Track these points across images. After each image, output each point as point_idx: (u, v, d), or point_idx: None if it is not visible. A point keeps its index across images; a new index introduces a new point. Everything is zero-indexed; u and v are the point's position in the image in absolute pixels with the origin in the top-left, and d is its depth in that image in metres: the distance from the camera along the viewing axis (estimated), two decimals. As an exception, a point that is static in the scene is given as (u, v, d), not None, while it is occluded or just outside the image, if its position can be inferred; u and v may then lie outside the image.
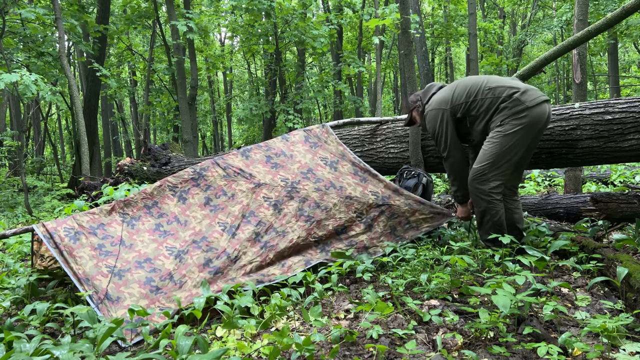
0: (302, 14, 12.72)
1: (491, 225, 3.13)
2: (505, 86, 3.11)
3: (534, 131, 3.07)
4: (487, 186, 3.09)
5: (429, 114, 3.36)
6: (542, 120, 3.07)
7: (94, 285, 2.80)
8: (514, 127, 3.01)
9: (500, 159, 3.05)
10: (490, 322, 2.06)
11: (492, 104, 3.11)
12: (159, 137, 23.51)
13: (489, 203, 3.10)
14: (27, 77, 6.31)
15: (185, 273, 3.03)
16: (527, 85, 3.13)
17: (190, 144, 11.18)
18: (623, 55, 24.58)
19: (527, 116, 3.01)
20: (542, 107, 3.05)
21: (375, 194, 3.68)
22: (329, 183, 3.68)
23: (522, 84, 3.17)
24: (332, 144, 4.11)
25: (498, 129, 3.07)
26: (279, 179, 3.65)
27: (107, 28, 11.89)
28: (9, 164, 13.89)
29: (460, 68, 28.74)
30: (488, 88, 3.14)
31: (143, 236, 3.23)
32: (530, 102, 3.01)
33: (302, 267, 3.20)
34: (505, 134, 3.03)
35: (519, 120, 3.01)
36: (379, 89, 13.66)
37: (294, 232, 3.35)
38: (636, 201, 3.56)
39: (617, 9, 4.86)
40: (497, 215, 3.11)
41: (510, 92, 3.07)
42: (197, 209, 3.49)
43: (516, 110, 3.02)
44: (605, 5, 12.50)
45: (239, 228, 3.34)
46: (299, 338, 1.99)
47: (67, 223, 3.10)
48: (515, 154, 3.07)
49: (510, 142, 3.03)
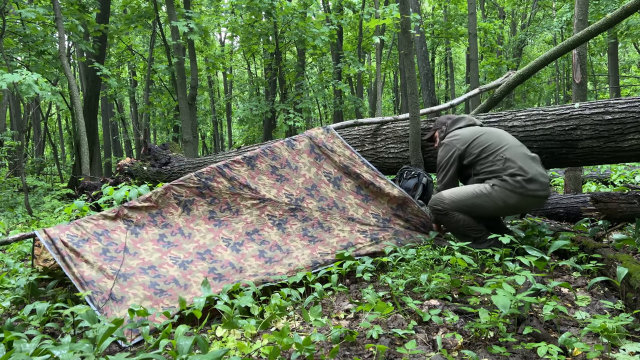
0: (302, 13, 12.72)
1: (463, 231, 3.29)
2: (517, 164, 3.17)
3: (515, 209, 3.26)
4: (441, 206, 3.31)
5: (445, 144, 3.53)
6: (529, 206, 3.29)
7: (99, 287, 2.81)
8: (499, 196, 3.17)
9: (466, 203, 3.24)
10: (490, 322, 2.06)
11: (497, 171, 3.23)
12: (159, 137, 23.51)
13: (445, 215, 3.31)
14: (29, 77, 6.31)
15: (190, 277, 3.04)
16: (536, 171, 3.18)
17: (190, 144, 11.17)
18: (623, 55, 24.57)
19: (521, 197, 3.16)
20: (537, 199, 3.21)
21: (376, 216, 3.69)
22: (332, 203, 3.69)
23: (534, 165, 3.21)
24: (339, 149, 4.01)
25: (487, 186, 3.23)
26: (284, 194, 3.64)
27: (107, 27, 11.89)
28: (9, 164, 13.89)
29: (460, 68, 28.73)
30: (502, 157, 3.24)
31: (147, 245, 3.24)
32: (529, 192, 3.14)
33: (309, 264, 3.19)
34: (489, 194, 3.20)
35: (508, 196, 3.16)
36: (379, 89, 13.66)
37: (297, 250, 3.39)
38: (636, 201, 3.56)
39: (617, 9, 4.86)
40: (459, 221, 3.27)
41: (518, 172, 3.15)
42: (201, 222, 3.49)
43: (513, 188, 3.15)
44: (605, 5, 12.50)
45: (243, 245, 3.36)
46: (299, 338, 1.99)
47: (70, 230, 3.09)
48: (487, 211, 3.26)
49: (485, 201, 3.21)
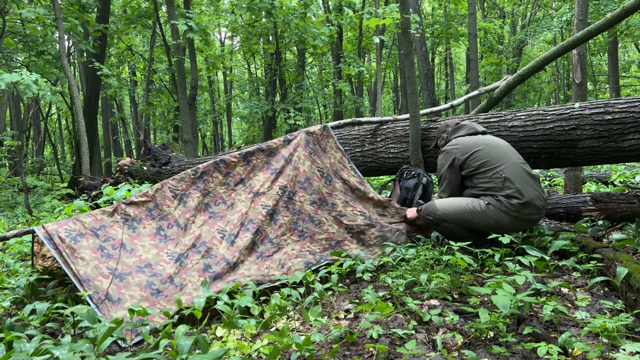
0: (302, 13, 12.72)
1: (455, 237, 3.24)
2: (515, 186, 3.13)
3: (506, 230, 3.20)
4: (435, 216, 3.31)
5: (444, 152, 3.46)
6: (521, 227, 3.28)
7: (94, 286, 2.81)
8: (493, 214, 3.16)
9: (461, 217, 3.23)
10: (490, 322, 2.06)
11: (494, 189, 3.19)
12: (159, 137, 23.52)
13: (437, 225, 3.33)
14: (28, 77, 6.31)
15: (185, 277, 3.05)
16: (534, 194, 3.15)
17: (190, 144, 11.18)
18: (623, 55, 24.58)
19: (514, 220, 3.16)
20: (530, 222, 3.23)
21: (363, 214, 3.77)
22: (323, 198, 3.76)
23: (533, 187, 3.18)
24: (331, 150, 4.10)
25: (484, 204, 3.19)
26: (278, 186, 3.69)
27: (107, 27, 11.88)
28: (9, 164, 13.89)
29: (460, 68, 28.72)
30: (501, 175, 3.17)
31: (144, 241, 3.26)
32: (523, 216, 3.14)
33: (302, 268, 3.23)
34: (483, 211, 3.18)
35: (503, 215, 3.14)
36: (379, 89, 13.67)
37: (288, 245, 3.46)
38: (636, 201, 3.56)
39: (617, 9, 4.86)
40: (446, 228, 3.29)
41: (514, 194, 3.12)
42: (196, 213, 3.54)
43: (507, 210, 3.13)
44: (605, 5, 12.50)
45: (238, 236, 3.38)
46: (299, 338, 1.99)
47: (68, 225, 3.10)
48: (478, 227, 3.23)
49: (478, 217, 3.19)
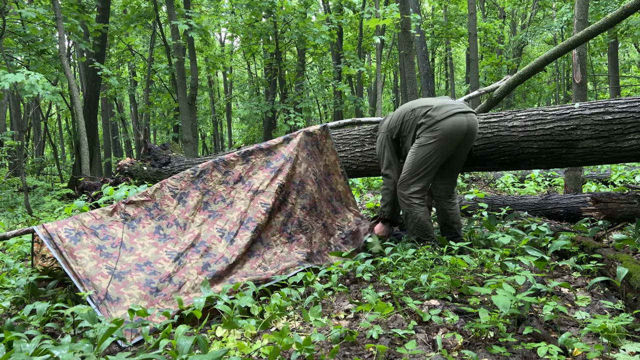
0: (302, 13, 12.72)
1: (414, 226, 3.42)
2: (423, 105, 3.43)
3: (450, 140, 3.31)
4: (407, 191, 3.41)
5: (378, 137, 3.79)
6: (457, 130, 3.30)
7: (94, 285, 2.81)
8: (428, 139, 3.32)
9: (417, 167, 3.36)
10: (490, 322, 2.06)
11: (413, 123, 3.45)
12: (159, 137, 23.54)
13: (409, 206, 3.42)
14: (32, 77, 6.31)
15: (184, 275, 3.04)
16: (445, 101, 3.40)
17: (190, 144, 11.18)
18: (623, 55, 24.59)
19: (439, 129, 3.29)
20: (454, 118, 3.30)
21: (341, 229, 3.92)
22: (312, 204, 3.82)
23: (443, 101, 3.42)
24: (327, 152, 4.12)
25: (416, 141, 3.41)
26: (277, 184, 3.70)
27: (107, 27, 11.88)
28: (9, 164, 13.90)
29: (460, 68, 28.73)
30: (411, 110, 3.48)
31: (143, 240, 3.26)
32: (440, 116, 3.30)
33: (297, 267, 3.25)
34: (420, 145, 3.35)
35: (432, 132, 3.31)
36: (379, 89, 13.67)
37: (277, 246, 3.52)
38: (636, 201, 3.56)
39: (617, 9, 4.86)
40: (416, 217, 3.40)
41: (425, 110, 3.39)
42: (195, 212, 3.55)
43: (429, 124, 3.33)
44: (605, 5, 12.51)
45: (237, 235, 3.39)
46: (299, 338, 1.99)
47: (68, 224, 3.11)
48: (432, 162, 3.35)
49: (425, 152, 3.33)
